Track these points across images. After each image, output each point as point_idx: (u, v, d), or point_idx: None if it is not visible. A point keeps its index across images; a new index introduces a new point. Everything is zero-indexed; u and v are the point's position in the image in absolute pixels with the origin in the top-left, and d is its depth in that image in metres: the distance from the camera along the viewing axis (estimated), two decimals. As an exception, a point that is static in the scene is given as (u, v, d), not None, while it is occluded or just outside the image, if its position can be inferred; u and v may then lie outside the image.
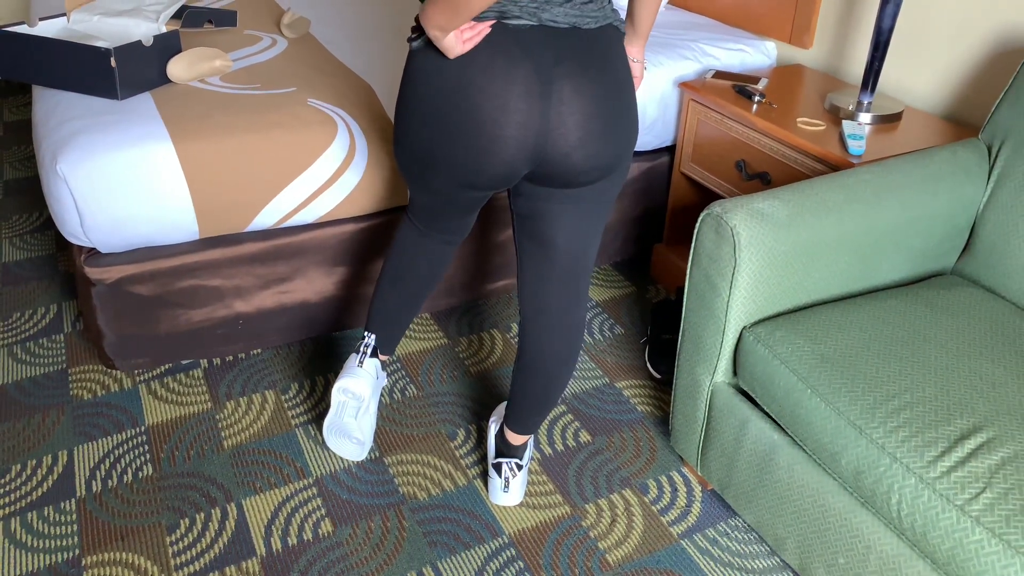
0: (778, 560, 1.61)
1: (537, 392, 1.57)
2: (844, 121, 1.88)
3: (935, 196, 1.58)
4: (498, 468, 1.68)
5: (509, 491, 1.68)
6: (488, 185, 1.32)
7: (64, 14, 2.14)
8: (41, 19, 2.09)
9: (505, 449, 1.68)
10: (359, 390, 1.66)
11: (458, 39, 1.20)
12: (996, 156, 1.63)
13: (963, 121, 1.97)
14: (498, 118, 1.21)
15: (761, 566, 1.60)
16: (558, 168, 1.29)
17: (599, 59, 1.24)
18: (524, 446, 1.68)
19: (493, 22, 1.21)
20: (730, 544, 1.64)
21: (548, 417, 1.93)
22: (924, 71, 2.03)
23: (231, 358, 2.10)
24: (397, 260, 1.62)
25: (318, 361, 2.10)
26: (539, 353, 1.53)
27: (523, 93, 1.21)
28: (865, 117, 1.92)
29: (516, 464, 1.68)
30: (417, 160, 1.33)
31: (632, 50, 1.49)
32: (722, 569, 1.59)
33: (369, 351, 1.69)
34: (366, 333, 1.69)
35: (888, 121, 1.93)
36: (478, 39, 1.20)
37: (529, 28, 1.21)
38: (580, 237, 1.42)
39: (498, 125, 1.22)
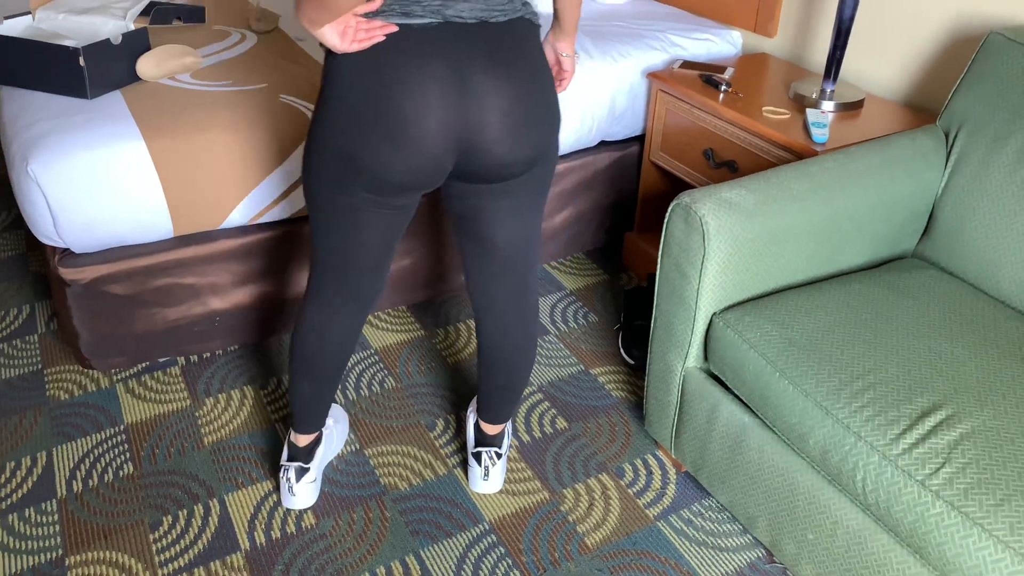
0: (750, 538, 1.66)
1: (502, 383, 1.60)
2: (808, 109, 1.93)
3: (895, 182, 1.63)
4: (478, 457, 1.71)
5: (489, 479, 1.72)
6: (414, 183, 1.29)
7: (29, 12, 2.12)
8: (6, 18, 2.07)
9: (483, 439, 1.71)
10: (304, 502, 1.68)
11: (342, 37, 1.18)
12: (953, 142, 1.68)
13: (922, 108, 2.03)
14: (418, 116, 1.20)
15: (734, 544, 1.65)
16: (482, 163, 1.29)
17: (512, 53, 1.24)
18: (501, 435, 1.72)
19: (395, 28, 1.19)
20: (704, 524, 1.69)
21: (524, 405, 1.96)
22: (884, 59, 2.08)
23: (208, 355, 2.10)
24: (308, 350, 1.53)
25: (296, 356, 2.11)
26: (497, 346, 1.55)
27: (440, 92, 1.20)
28: (828, 105, 1.97)
29: (495, 453, 1.71)
30: (338, 164, 1.28)
31: (561, 45, 1.49)
32: (697, 548, 1.64)
33: (294, 478, 1.65)
34: (283, 462, 1.66)
35: (850, 109, 1.98)
36: (368, 43, 1.18)
37: (436, 26, 1.20)
38: (519, 230, 1.43)
39: (419, 123, 1.21)
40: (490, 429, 1.70)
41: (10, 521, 1.66)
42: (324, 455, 1.73)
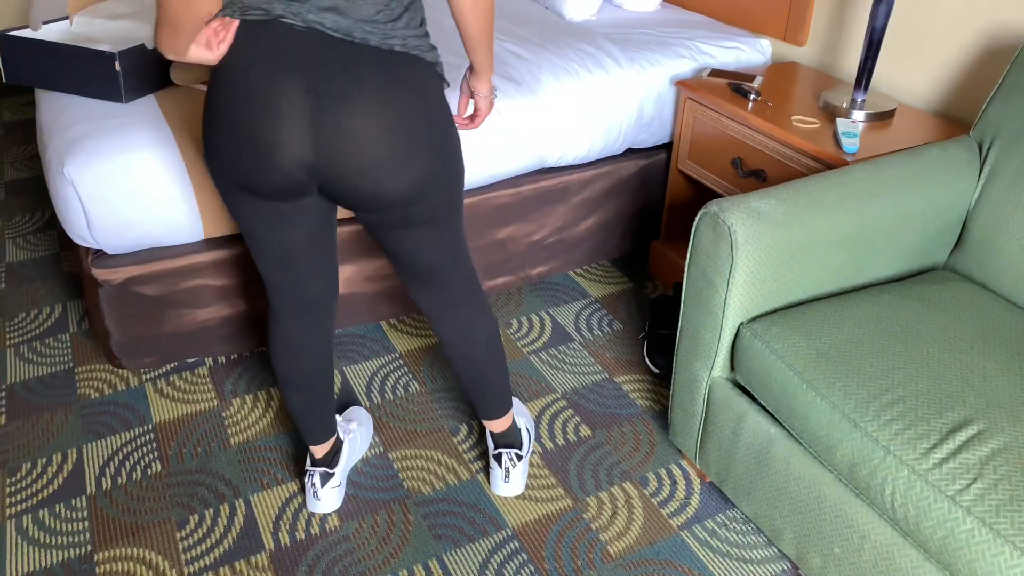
0: (775, 550, 1.64)
1: (472, 379, 1.62)
2: (838, 119, 1.91)
3: (927, 193, 1.62)
4: (498, 459, 1.71)
5: (510, 481, 1.72)
6: (273, 194, 1.28)
7: (67, 17, 2.16)
8: (44, 23, 2.11)
9: (496, 439, 1.72)
10: (329, 507, 1.70)
11: (208, 47, 1.18)
12: (987, 153, 1.66)
13: (955, 118, 2.00)
14: (266, 133, 1.19)
15: (759, 556, 1.63)
16: (350, 189, 1.26)
17: (385, 84, 1.20)
18: (512, 432, 1.72)
19: (255, 18, 1.18)
20: (728, 535, 1.68)
21: (548, 412, 1.96)
22: (916, 69, 2.06)
23: (236, 356, 2.13)
24: (282, 364, 1.56)
25: (322, 358, 2.13)
26: (456, 343, 1.57)
27: (293, 111, 1.18)
28: (859, 115, 1.95)
29: (516, 454, 1.71)
30: (221, 173, 1.28)
31: (475, 84, 1.49)
32: (721, 559, 1.62)
33: (319, 483, 1.67)
34: (308, 467, 1.69)
35: (881, 119, 1.96)
36: (230, 36, 1.18)
37: (301, 32, 1.18)
38: (431, 254, 1.42)
39: (269, 140, 1.20)
40: (493, 426, 1.71)
41: (41, 516, 1.68)
42: (348, 460, 1.74)
